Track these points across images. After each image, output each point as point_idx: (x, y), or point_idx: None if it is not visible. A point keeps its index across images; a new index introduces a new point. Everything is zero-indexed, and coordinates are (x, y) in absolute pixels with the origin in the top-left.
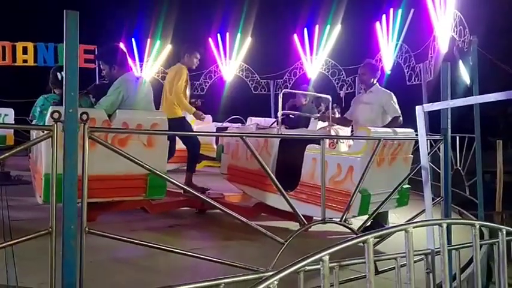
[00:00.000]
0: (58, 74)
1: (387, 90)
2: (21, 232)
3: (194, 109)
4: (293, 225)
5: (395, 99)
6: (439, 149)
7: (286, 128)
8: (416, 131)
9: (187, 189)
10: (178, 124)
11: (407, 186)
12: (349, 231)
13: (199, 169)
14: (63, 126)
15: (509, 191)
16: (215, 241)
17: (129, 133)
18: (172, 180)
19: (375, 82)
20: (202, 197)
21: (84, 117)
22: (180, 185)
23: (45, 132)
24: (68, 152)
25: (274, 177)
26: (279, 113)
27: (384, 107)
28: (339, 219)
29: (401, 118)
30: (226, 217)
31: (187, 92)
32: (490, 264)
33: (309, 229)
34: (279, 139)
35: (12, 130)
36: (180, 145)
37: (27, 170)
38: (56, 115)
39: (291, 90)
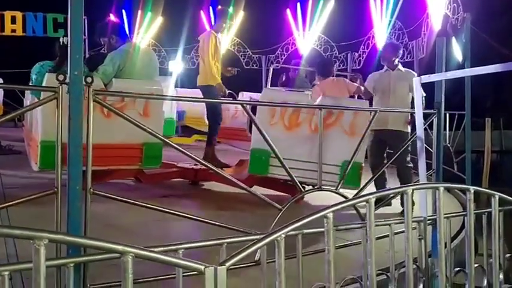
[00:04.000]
0: (61, 39)
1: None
2: (16, 199)
3: (219, 80)
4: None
5: None
6: (431, 123)
7: None
8: None
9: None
10: (204, 91)
11: (357, 162)
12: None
13: (189, 143)
14: (68, 88)
15: (494, 170)
16: (208, 211)
17: (132, 97)
18: (182, 150)
19: (396, 62)
20: (219, 171)
21: (89, 80)
22: (193, 156)
23: (49, 94)
24: (73, 113)
25: (273, 144)
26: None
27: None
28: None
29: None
30: (218, 188)
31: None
32: (476, 237)
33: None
34: None
35: (1, 100)
36: None
37: (17, 140)
38: (61, 77)
39: (281, 65)
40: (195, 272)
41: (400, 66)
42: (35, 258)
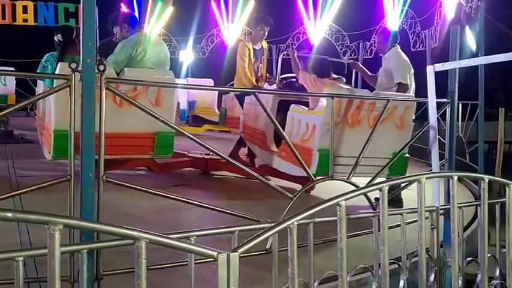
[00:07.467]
0: (54, 36)
1: (399, 54)
2: (28, 187)
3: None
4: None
5: (404, 64)
6: (445, 112)
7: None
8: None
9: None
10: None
11: (404, 154)
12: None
13: (199, 133)
14: (81, 76)
15: (507, 161)
16: (220, 200)
17: (145, 85)
18: (196, 139)
19: (391, 47)
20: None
21: (101, 67)
22: (206, 145)
23: (62, 82)
24: (85, 101)
25: (285, 134)
26: (277, 77)
27: (392, 71)
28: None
29: (405, 86)
30: (229, 178)
31: (257, 67)
32: (488, 227)
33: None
34: (277, 100)
35: (14, 90)
36: None
37: (30, 129)
38: (73, 65)
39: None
40: (207, 259)
41: (387, 54)
42: (50, 243)
